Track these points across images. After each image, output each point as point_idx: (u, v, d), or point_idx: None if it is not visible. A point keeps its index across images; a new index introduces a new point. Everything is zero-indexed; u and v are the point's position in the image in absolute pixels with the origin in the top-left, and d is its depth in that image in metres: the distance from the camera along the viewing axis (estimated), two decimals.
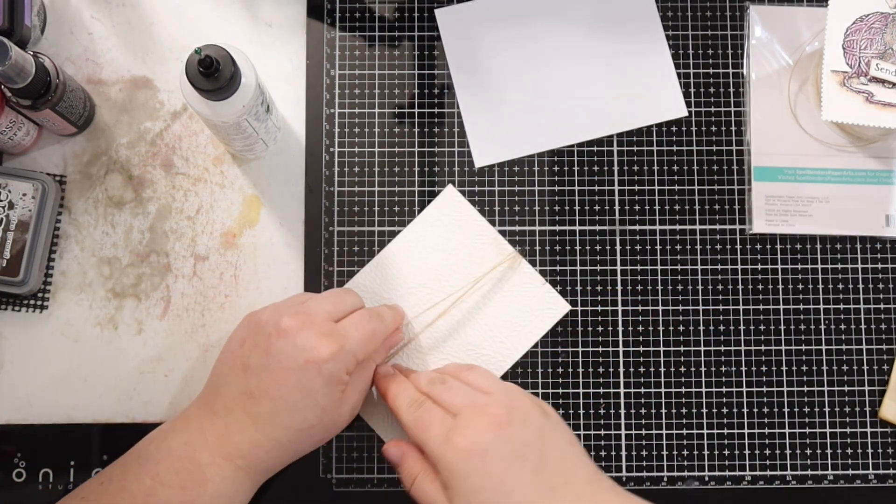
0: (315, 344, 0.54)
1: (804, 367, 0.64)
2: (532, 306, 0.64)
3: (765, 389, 0.64)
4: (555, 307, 0.64)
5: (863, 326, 0.64)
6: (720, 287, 0.65)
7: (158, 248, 0.64)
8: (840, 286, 0.65)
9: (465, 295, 0.64)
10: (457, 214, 0.65)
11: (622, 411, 0.64)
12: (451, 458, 0.53)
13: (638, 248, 0.65)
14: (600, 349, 0.64)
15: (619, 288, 0.65)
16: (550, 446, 0.54)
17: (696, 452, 0.63)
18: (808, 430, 0.64)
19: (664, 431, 0.63)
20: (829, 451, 0.63)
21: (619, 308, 0.64)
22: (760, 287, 0.65)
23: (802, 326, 0.64)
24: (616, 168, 0.66)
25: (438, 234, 0.65)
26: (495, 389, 0.57)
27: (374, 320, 0.58)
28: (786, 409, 0.64)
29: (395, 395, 0.59)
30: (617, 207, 0.65)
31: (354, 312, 0.58)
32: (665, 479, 0.63)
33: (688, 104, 0.66)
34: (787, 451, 0.63)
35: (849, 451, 0.63)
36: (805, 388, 0.64)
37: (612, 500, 0.54)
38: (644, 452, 0.63)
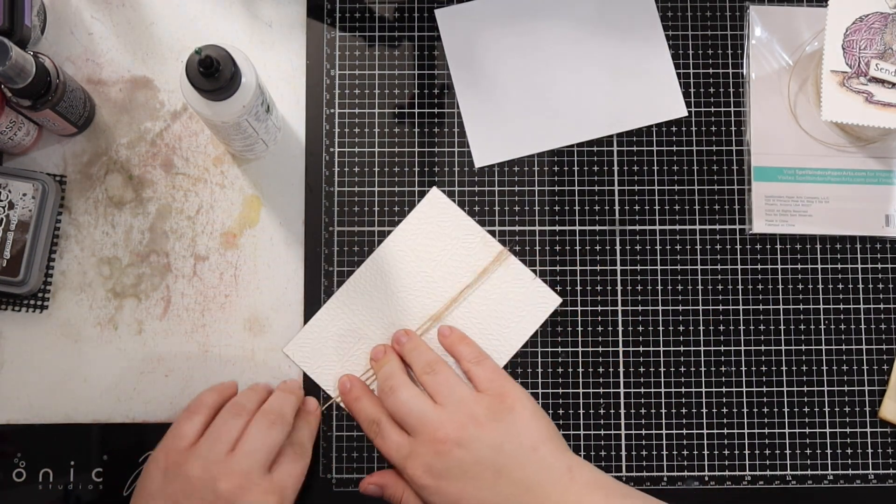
0: None
1: (804, 367, 0.64)
2: (523, 301, 0.64)
3: (765, 389, 0.64)
4: (546, 301, 0.64)
5: (863, 326, 0.64)
6: (720, 287, 0.65)
7: (158, 248, 0.64)
8: (840, 286, 0.65)
9: (459, 297, 0.64)
10: (443, 216, 0.65)
11: (622, 411, 0.64)
12: (412, 481, 0.57)
13: (638, 248, 0.65)
14: (600, 349, 0.64)
15: (619, 288, 0.65)
16: (507, 456, 0.56)
17: (696, 452, 0.63)
18: (808, 430, 0.64)
19: (664, 431, 0.63)
20: (829, 451, 0.63)
21: (619, 308, 0.64)
22: (760, 287, 0.65)
23: (802, 326, 0.64)
24: (616, 168, 0.66)
25: (426, 236, 0.65)
26: (451, 401, 0.58)
27: (303, 457, 0.59)
28: (786, 409, 0.64)
29: (356, 413, 0.62)
30: (617, 207, 0.65)
31: (284, 454, 0.57)
32: (665, 479, 0.63)
33: (688, 104, 0.66)
34: (787, 451, 0.63)
35: (849, 451, 0.63)
36: (805, 388, 0.64)
37: (580, 500, 0.55)
38: (644, 452, 0.63)
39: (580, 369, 0.64)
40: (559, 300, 0.64)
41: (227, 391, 0.60)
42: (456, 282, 0.64)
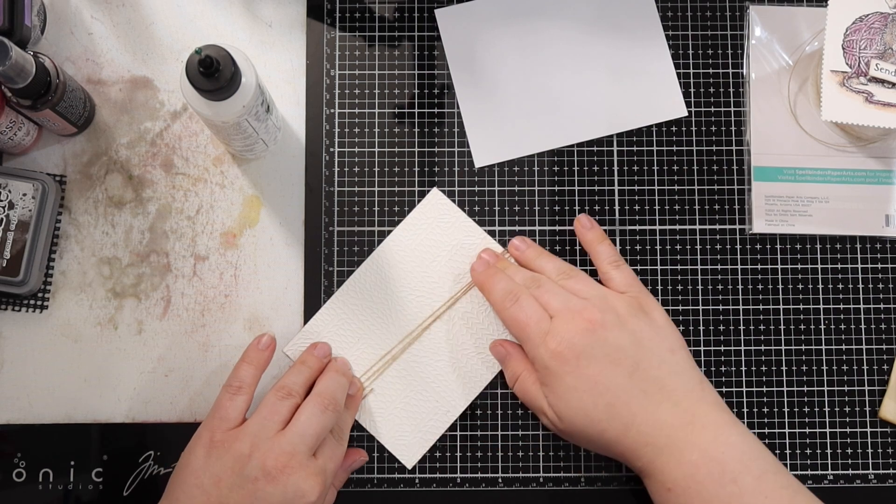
0: (306, 489, 0.54)
1: (804, 367, 0.64)
2: None
3: (765, 389, 0.64)
4: None
5: (863, 326, 0.64)
6: (720, 287, 0.65)
7: (158, 248, 0.64)
8: (840, 286, 0.65)
9: (459, 297, 0.64)
10: (443, 217, 0.65)
11: None
12: (548, 360, 0.56)
13: (638, 248, 0.65)
14: None
15: None
16: (647, 351, 0.56)
17: None
18: (808, 430, 0.64)
19: None
20: (829, 451, 0.63)
21: None
22: (760, 287, 0.65)
23: (802, 326, 0.64)
24: (616, 168, 0.66)
25: (426, 236, 0.65)
26: (593, 295, 0.58)
27: (342, 443, 0.59)
28: (786, 409, 0.64)
29: (490, 287, 0.60)
30: (617, 207, 0.65)
31: (327, 438, 0.57)
32: None
33: (688, 104, 0.66)
34: (787, 451, 0.63)
35: (849, 451, 0.63)
36: (805, 388, 0.64)
37: (708, 414, 0.55)
38: None
39: None
40: None
41: (262, 361, 0.60)
42: (456, 282, 0.64)
